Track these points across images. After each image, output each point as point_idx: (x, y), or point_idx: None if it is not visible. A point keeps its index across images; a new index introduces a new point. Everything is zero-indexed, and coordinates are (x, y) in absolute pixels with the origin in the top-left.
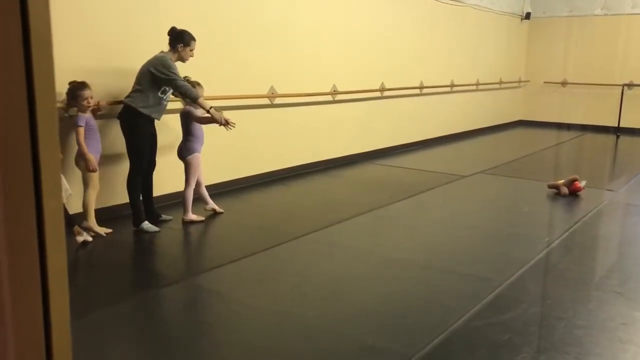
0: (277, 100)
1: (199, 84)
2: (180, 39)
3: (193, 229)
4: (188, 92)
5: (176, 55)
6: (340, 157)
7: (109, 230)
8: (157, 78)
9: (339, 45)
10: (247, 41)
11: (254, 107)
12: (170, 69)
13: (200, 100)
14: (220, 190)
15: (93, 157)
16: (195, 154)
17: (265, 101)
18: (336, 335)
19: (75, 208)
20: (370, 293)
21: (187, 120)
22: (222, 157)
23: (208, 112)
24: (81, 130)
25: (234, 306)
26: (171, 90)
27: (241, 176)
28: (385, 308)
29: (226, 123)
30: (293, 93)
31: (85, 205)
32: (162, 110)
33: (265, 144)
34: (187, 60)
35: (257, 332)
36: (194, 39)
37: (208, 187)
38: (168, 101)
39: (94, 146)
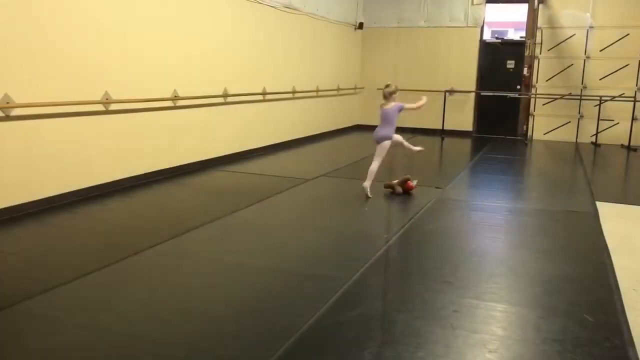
0: (113, 107)
1: None
2: None
3: (20, 249)
4: None
5: None
6: (185, 165)
7: None
8: None
9: (179, 49)
10: (79, 41)
11: (85, 114)
12: None
13: None
14: (51, 206)
15: None
16: None
17: (100, 107)
18: (187, 351)
19: None
20: (221, 302)
21: None
22: (47, 168)
23: None
24: None
25: (74, 330)
26: None
27: (74, 189)
28: (236, 317)
29: None
30: (130, 99)
31: None
32: None
33: (99, 152)
34: None
35: (101, 357)
36: None
37: (32, 204)
38: None
39: None
